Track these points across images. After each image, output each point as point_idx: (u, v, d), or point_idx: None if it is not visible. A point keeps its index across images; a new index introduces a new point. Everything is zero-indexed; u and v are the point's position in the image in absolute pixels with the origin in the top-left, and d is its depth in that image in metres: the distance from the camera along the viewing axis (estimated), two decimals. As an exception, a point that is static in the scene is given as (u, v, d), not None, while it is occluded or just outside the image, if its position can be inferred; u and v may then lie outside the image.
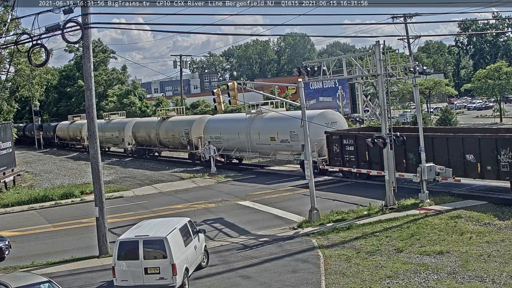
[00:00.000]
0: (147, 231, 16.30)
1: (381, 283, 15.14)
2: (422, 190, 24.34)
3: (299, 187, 31.17)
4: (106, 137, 60.22)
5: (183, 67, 67.02)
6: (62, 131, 74.50)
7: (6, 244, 21.41)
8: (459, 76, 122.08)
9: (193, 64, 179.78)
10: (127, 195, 34.26)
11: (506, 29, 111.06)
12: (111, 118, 62.50)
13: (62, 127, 74.90)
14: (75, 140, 70.56)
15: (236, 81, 25.26)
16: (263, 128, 38.41)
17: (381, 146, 23.51)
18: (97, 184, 21.05)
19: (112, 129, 60.08)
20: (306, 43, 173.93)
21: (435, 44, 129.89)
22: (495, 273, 15.03)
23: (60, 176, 45.54)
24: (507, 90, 69.53)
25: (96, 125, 21.30)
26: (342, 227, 21.33)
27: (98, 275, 18.34)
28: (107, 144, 64.48)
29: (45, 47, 18.45)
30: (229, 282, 16.55)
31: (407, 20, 51.08)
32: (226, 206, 28.21)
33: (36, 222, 28.35)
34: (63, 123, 76.01)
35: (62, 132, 74.41)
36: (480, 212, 21.18)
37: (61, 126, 75.49)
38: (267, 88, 68.26)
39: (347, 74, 28.89)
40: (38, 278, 14.62)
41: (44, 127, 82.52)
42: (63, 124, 75.76)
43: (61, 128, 74.95)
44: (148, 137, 54.27)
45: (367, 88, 59.79)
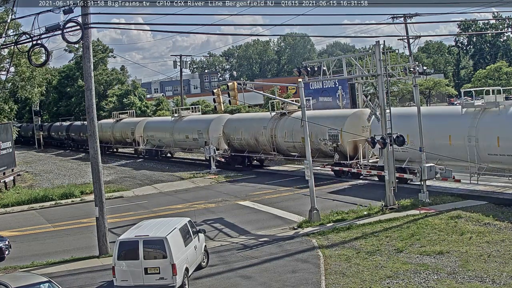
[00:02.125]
0: (147, 231, 16.30)
1: (381, 283, 15.14)
2: (422, 190, 24.35)
3: (299, 187, 31.17)
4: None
5: (183, 67, 67.06)
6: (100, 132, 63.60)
7: (6, 244, 21.41)
8: (459, 76, 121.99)
9: (193, 64, 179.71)
10: (127, 195, 34.26)
11: (506, 29, 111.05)
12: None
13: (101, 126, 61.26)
14: (122, 142, 59.77)
15: (236, 81, 25.27)
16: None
17: (381, 146, 23.51)
18: (97, 184, 21.05)
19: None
20: (306, 43, 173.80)
21: (435, 44, 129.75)
22: (495, 273, 15.03)
23: (60, 176, 45.54)
24: (507, 91, 69.48)
25: (96, 125, 21.29)
26: (342, 227, 21.33)
27: (98, 275, 18.35)
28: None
29: (45, 47, 18.48)
30: (229, 282, 16.55)
31: (407, 20, 51.12)
32: (226, 206, 28.21)
33: (36, 222, 28.35)
34: (104, 122, 62.86)
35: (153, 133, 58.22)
36: (480, 212, 21.17)
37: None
38: (267, 88, 68.23)
39: (347, 74, 28.88)
40: (38, 278, 14.62)
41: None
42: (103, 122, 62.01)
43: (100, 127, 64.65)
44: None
45: (367, 88, 59.83)
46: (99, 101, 77.37)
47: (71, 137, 72.58)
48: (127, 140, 55.43)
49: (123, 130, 57.17)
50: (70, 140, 73.59)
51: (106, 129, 60.10)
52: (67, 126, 74.29)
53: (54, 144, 79.91)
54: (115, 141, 60.00)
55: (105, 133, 59.43)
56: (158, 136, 51.65)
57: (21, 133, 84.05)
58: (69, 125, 74.10)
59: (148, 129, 53.15)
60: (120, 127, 58.59)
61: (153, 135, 52.29)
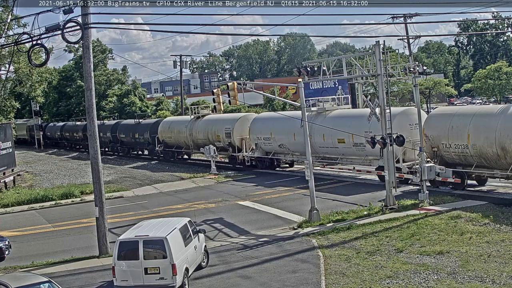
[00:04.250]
0: (147, 231, 16.30)
1: (381, 283, 15.14)
2: (422, 190, 24.34)
3: (299, 187, 31.16)
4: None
5: (183, 67, 66.99)
6: (171, 133, 50.03)
7: (6, 244, 21.41)
8: (459, 76, 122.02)
9: (193, 64, 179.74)
10: (127, 195, 34.26)
11: (506, 29, 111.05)
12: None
13: (173, 126, 50.05)
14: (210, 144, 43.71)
15: (236, 81, 25.29)
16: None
17: (381, 146, 23.51)
18: (97, 184, 21.05)
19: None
20: (306, 43, 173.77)
21: (435, 44, 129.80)
22: (495, 273, 15.03)
23: (60, 176, 45.53)
24: (507, 90, 69.56)
25: (96, 125, 21.27)
26: (342, 227, 21.33)
27: (98, 275, 18.34)
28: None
29: (45, 47, 18.46)
30: (229, 282, 16.55)
31: (407, 20, 51.07)
32: (226, 206, 28.21)
33: (36, 222, 28.35)
34: (174, 120, 52.27)
35: (170, 134, 50.26)
36: (480, 212, 21.17)
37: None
38: (267, 88, 68.26)
39: (347, 74, 28.87)
40: (38, 278, 14.61)
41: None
42: (176, 121, 51.24)
43: (171, 127, 50.42)
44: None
45: (367, 88, 59.86)
46: (99, 101, 77.40)
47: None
48: (217, 144, 42.57)
49: (211, 131, 44.10)
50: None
51: (180, 129, 48.52)
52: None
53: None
54: (194, 145, 46.75)
55: (178, 134, 48.82)
56: (280, 138, 37.62)
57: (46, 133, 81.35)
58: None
59: (260, 129, 39.11)
60: (205, 126, 45.44)
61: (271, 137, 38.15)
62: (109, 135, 60.82)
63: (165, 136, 50.46)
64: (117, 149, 61.47)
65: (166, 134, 50.42)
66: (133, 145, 58.33)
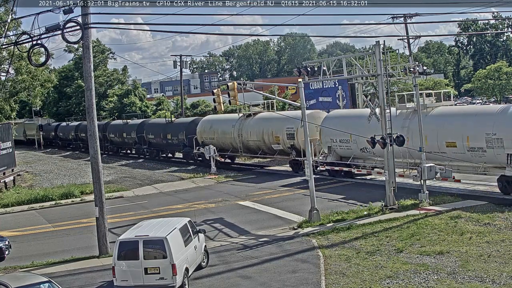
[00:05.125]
0: (147, 231, 16.30)
1: (381, 283, 15.14)
2: (422, 190, 24.34)
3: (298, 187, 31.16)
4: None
5: (183, 67, 67.01)
6: (213, 134, 43.71)
7: (6, 244, 21.41)
8: (459, 76, 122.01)
9: (193, 64, 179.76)
10: (127, 195, 34.27)
11: (506, 29, 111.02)
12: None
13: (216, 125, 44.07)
14: (259, 149, 40.28)
15: (236, 81, 25.30)
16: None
17: (381, 146, 23.51)
18: (97, 184, 21.05)
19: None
20: (306, 43, 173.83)
21: (435, 44, 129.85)
22: (495, 273, 15.03)
23: (60, 176, 45.55)
24: (507, 90, 69.57)
25: (96, 125, 21.26)
26: (342, 227, 21.33)
27: (98, 275, 18.34)
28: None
29: (45, 47, 18.44)
30: (229, 282, 16.55)
31: (407, 20, 51.10)
32: (226, 206, 28.21)
33: (36, 222, 28.36)
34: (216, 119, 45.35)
35: (212, 135, 43.86)
36: (480, 212, 21.17)
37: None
38: (267, 88, 68.26)
39: (347, 74, 28.91)
40: (38, 278, 14.61)
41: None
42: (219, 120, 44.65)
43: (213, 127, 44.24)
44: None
45: (367, 88, 59.80)
46: (99, 101, 77.42)
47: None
48: (275, 146, 37.96)
49: (267, 131, 38.60)
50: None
51: (225, 129, 42.73)
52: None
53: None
54: (244, 148, 41.26)
55: (223, 135, 42.87)
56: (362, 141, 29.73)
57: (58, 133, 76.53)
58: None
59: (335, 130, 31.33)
60: (258, 126, 39.82)
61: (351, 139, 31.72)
62: (134, 136, 55.71)
63: (206, 137, 43.87)
64: (143, 151, 55.61)
65: (207, 135, 43.87)
66: (164, 147, 52.46)
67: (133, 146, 57.54)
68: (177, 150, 51.08)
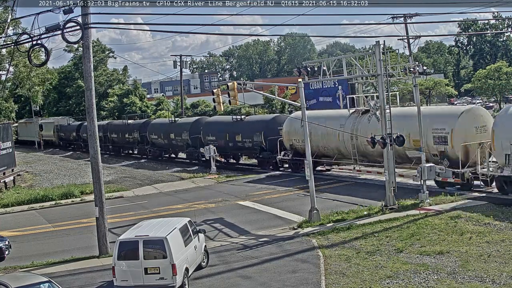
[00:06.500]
0: (147, 231, 16.30)
1: (381, 283, 15.14)
2: (422, 190, 24.34)
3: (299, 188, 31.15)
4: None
5: (183, 67, 66.99)
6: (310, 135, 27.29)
7: (6, 244, 21.41)
8: (459, 76, 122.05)
9: (193, 64, 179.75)
10: (127, 195, 34.26)
11: (506, 29, 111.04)
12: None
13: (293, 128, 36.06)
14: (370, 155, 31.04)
15: (236, 81, 25.27)
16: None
17: (381, 146, 23.51)
18: (97, 184, 21.05)
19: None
20: (306, 43, 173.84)
21: (435, 44, 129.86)
22: (495, 273, 15.03)
23: (60, 176, 45.53)
24: (507, 90, 69.53)
25: (96, 125, 21.26)
26: (342, 227, 21.33)
27: (98, 275, 18.34)
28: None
29: (45, 47, 18.47)
30: (229, 282, 16.55)
31: (407, 20, 51.06)
32: (226, 206, 28.21)
33: (36, 222, 28.35)
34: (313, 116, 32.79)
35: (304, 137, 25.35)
36: (480, 212, 21.17)
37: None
38: (267, 88, 68.22)
39: (347, 74, 28.84)
40: (38, 278, 14.62)
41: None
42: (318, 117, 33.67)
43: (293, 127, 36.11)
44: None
45: (367, 88, 59.79)
46: (99, 101, 77.37)
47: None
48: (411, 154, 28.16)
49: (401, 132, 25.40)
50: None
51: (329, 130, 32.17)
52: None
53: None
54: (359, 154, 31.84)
55: (327, 136, 33.79)
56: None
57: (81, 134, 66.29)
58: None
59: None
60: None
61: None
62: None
63: (296, 140, 36.01)
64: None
65: (299, 137, 34.86)
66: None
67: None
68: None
